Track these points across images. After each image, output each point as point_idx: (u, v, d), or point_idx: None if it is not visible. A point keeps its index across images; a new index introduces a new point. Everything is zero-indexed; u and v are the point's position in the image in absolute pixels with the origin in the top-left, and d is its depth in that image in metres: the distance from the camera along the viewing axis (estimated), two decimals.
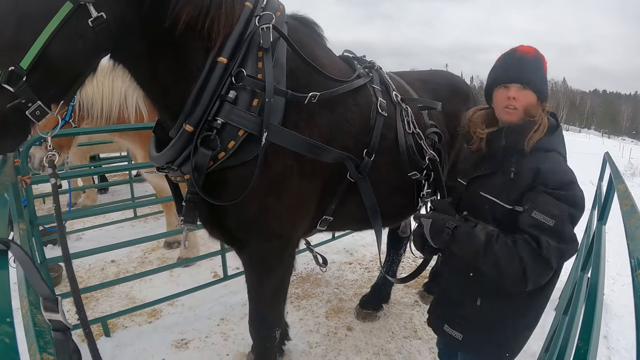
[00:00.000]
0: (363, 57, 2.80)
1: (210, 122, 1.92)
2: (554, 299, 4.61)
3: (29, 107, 1.52)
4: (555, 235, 1.75)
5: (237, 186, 2.01)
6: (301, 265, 5.19)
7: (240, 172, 2.02)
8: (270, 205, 2.15)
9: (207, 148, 1.92)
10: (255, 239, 2.28)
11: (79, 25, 1.58)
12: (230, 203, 2.01)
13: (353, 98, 2.37)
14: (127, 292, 4.52)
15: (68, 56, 1.60)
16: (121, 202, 7.39)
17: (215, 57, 1.93)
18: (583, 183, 7.90)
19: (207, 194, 2.00)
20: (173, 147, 1.98)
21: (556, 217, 1.75)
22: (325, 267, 2.66)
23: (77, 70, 1.69)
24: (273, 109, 1.96)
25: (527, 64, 1.97)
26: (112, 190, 8.56)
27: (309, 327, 3.97)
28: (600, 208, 3.22)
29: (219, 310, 4.18)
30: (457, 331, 2.15)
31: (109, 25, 1.65)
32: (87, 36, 1.62)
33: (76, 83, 1.72)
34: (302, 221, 2.38)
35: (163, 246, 5.69)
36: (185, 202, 2.05)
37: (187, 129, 1.93)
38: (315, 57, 2.25)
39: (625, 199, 1.82)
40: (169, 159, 2.03)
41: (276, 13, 2.09)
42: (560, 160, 1.92)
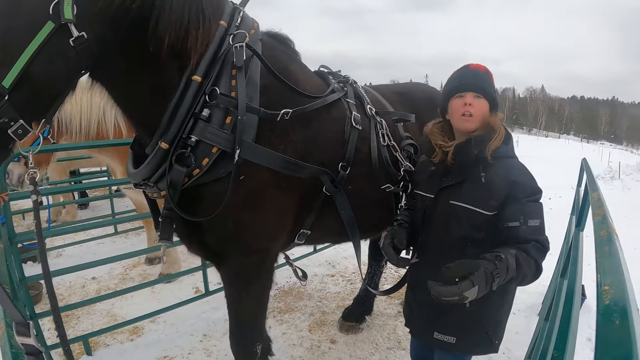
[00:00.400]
0: (338, 71, 2.82)
1: (185, 140, 1.93)
2: (537, 304, 4.66)
3: (11, 126, 1.52)
4: (543, 231, 1.97)
5: (212, 202, 2.01)
6: (283, 279, 5.17)
7: (214, 188, 2.02)
8: (246, 221, 2.16)
9: (181, 165, 1.93)
10: (233, 254, 2.27)
11: (60, 44, 1.59)
12: (206, 219, 2.01)
13: (327, 113, 2.39)
14: (108, 310, 4.45)
15: (49, 75, 1.61)
16: (102, 217, 7.30)
17: (190, 75, 1.94)
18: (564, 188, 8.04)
19: (182, 210, 2.00)
20: (149, 164, 1.99)
21: (540, 217, 1.97)
22: (306, 280, 2.66)
23: (58, 88, 1.70)
24: (246, 126, 1.98)
25: (480, 76, 2.13)
26: (93, 205, 8.48)
27: (292, 341, 3.95)
28: (578, 214, 3.25)
29: (201, 327, 4.14)
30: (450, 335, 2.20)
31: (90, 45, 1.67)
32: (68, 55, 1.63)
33: (57, 101, 1.73)
34: (279, 235, 2.37)
35: (144, 262, 5.63)
36: (162, 219, 2.06)
37: (163, 146, 1.93)
38: (289, 73, 2.27)
39: (598, 208, 1.84)
40: (145, 175, 2.03)
41: (250, 31, 2.11)
42: (524, 167, 2.09)
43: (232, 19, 2.11)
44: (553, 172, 16.20)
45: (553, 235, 6.45)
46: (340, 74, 2.77)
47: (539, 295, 4.84)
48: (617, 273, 1.15)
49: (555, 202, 10.18)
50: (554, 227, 7.62)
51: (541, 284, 5.21)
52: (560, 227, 5.08)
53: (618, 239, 1.37)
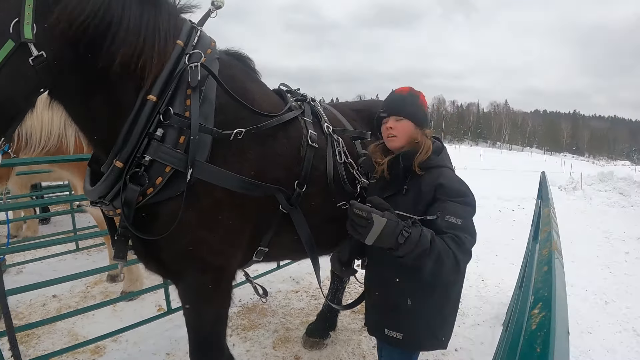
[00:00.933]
0: (297, 89, 2.85)
1: (139, 159, 1.94)
2: (500, 315, 4.74)
3: None
4: (465, 231, 2.06)
5: (166, 220, 2.01)
6: (246, 295, 5.13)
7: (168, 206, 2.02)
8: (201, 238, 2.15)
9: (136, 184, 1.93)
10: (190, 272, 2.26)
11: (20, 63, 1.61)
12: (160, 237, 2.01)
13: (283, 131, 2.41)
14: (69, 329, 4.33)
15: (9, 94, 1.62)
16: (63, 233, 7.13)
17: (145, 95, 1.96)
18: (527, 199, 8.23)
19: (137, 228, 1.99)
20: (104, 182, 1.98)
21: (463, 218, 2.08)
22: (267, 298, 2.66)
23: (17, 107, 1.71)
24: (199, 145, 1.99)
25: (401, 100, 2.37)
26: (55, 220, 8.29)
27: (256, 358, 3.91)
28: (535, 228, 3.33)
29: (164, 345, 4.07)
30: (397, 332, 2.31)
31: (49, 64, 1.69)
32: (28, 74, 1.65)
33: (16, 119, 1.74)
34: (235, 253, 2.37)
35: (106, 280, 5.51)
36: (116, 237, 2.05)
37: (117, 165, 1.94)
38: (247, 92, 2.30)
39: (545, 225, 1.89)
40: (100, 193, 2.02)
41: (207, 51, 2.14)
42: (453, 174, 2.28)
43: (189, 38, 2.14)
44: (517, 185, 16.55)
45: (516, 247, 6.63)
46: (298, 92, 2.81)
47: (503, 305, 4.93)
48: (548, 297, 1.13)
49: (519, 214, 10.41)
50: (517, 238, 7.81)
51: (505, 294, 5.32)
52: (524, 239, 5.20)
53: (560, 258, 1.40)
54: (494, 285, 5.80)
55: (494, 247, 7.53)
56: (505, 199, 12.26)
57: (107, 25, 1.82)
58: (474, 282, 5.89)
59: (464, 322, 4.71)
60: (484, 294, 5.50)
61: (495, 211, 10.71)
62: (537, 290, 1.19)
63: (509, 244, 7.68)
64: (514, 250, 7.08)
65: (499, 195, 12.70)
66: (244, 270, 2.76)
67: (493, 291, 5.62)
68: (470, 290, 5.60)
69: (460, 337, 4.36)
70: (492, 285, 5.81)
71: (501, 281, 5.91)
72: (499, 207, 11.17)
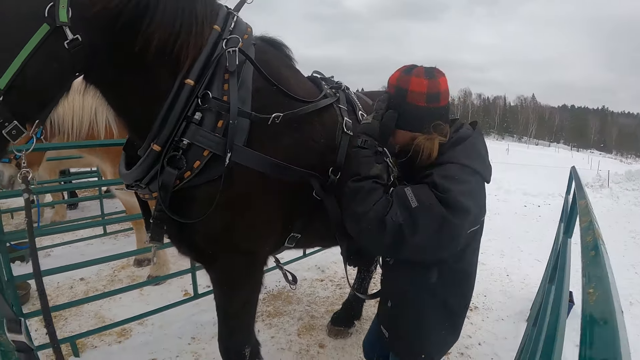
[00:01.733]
0: (331, 77, 2.83)
1: (177, 143, 1.95)
2: (525, 310, 4.69)
3: (5, 127, 1.53)
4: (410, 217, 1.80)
5: (203, 204, 2.02)
6: (272, 282, 5.17)
7: (205, 190, 2.03)
8: (236, 223, 2.16)
9: (173, 167, 1.94)
10: (223, 256, 2.28)
11: (55, 47, 1.60)
12: (196, 221, 2.02)
13: (319, 118, 2.40)
14: (96, 311, 4.43)
15: (44, 77, 1.62)
16: (91, 218, 7.26)
17: (183, 79, 1.96)
18: (553, 196, 8.08)
19: (173, 211, 2.00)
20: (141, 165, 2.00)
21: (420, 203, 1.81)
22: (295, 284, 2.66)
23: (53, 90, 1.71)
24: (237, 130, 1.99)
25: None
26: (82, 205, 8.43)
27: (280, 345, 3.95)
28: (566, 221, 3.28)
29: (189, 329, 4.12)
30: (385, 329, 2.30)
31: (84, 48, 1.68)
32: (63, 58, 1.64)
33: (51, 103, 1.75)
34: (269, 238, 2.39)
35: (133, 264, 5.60)
36: (152, 220, 2.06)
37: (155, 148, 1.95)
38: (282, 77, 2.29)
39: (585, 215, 1.86)
40: (137, 177, 2.04)
41: (243, 36, 2.13)
42: (456, 170, 1.91)
43: (226, 23, 2.13)
44: (543, 181, 16.36)
45: (541, 243, 6.56)
46: (332, 80, 2.79)
47: (528, 301, 4.88)
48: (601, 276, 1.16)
49: (545, 210, 10.27)
50: (543, 235, 7.70)
51: (529, 290, 5.26)
52: (549, 235, 5.13)
53: (604, 244, 1.39)
54: (519, 281, 5.74)
55: (519, 242, 7.45)
56: (531, 195, 12.12)
57: (144, 9, 1.82)
58: (499, 277, 5.84)
59: (488, 317, 4.68)
60: (509, 289, 5.45)
61: (521, 207, 10.59)
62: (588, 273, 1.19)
63: (534, 240, 7.58)
64: (539, 247, 7.04)
65: (525, 190, 12.55)
66: (275, 257, 2.77)
67: (518, 287, 5.56)
68: (495, 285, 5.56)
69: (484, 331, 4.34)
70: (516, 281, 5.75)
71: (526, 277, 5.85)
72: (524, 203, 11.05)
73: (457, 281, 2.10)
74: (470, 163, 1.93)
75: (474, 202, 1.86)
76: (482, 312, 4.77)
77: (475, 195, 1.89)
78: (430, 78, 1.96)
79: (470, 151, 1.99)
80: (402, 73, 2.03)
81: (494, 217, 9.35)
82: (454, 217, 1.78)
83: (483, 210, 2.02)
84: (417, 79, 1.96)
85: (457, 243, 1.88)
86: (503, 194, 12.05)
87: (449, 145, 1.98)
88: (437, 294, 2.07)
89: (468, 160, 1.94)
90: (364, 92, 3.20)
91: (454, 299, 2.13)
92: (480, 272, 5.81)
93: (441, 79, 1.99)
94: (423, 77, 1.96)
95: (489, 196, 2.04)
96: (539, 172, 21.35)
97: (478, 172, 1.95)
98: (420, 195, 1.83)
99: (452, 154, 1.95)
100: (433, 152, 1.96)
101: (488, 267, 6.15)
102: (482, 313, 4.75)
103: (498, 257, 6.60)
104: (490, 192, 12.40)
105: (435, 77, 1.98)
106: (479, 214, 1.95)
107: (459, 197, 1.79)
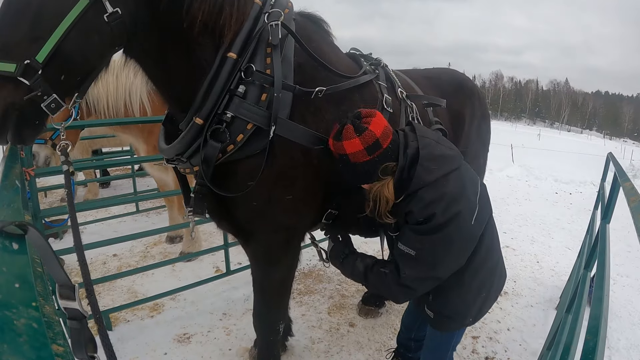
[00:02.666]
0: (369, 54, 2.81)
1: (220, 116, 1.95)
2: (554, 298, 4.64)
3: (44, 100, 1.55)
4: (416, 262, 2.02)
5: (245, 178, 2.04)
6: (303, 261, 5.17)
7: (248, 164, 2.04)
8: (277, 197, 2.17)
9: (216, 141, 1.95)
10: (262, 231, 2.30)
11: (94, 20, 1.61)
12: (238, 194, 2.03)
13: (359, 94, 2.39)
14: (129, 286, 4.53)
15: (83, 50, 1.63)
16: (123, 196, 7.39)
17: (225, 52, 1.96)
18: (585, 184, 7.90)
19: (215, 185, 2.02)
20: (183, 139, 2.01)
21: (416, 249, 2.00)
22: (329, 263, 2.68)
23: (92, 64, 1.72)
24: (281, 103, 1.99)
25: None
26: (114, 184, 8.59)
27: (311, 322, 3.98)
28: (603, 207, 3.21)
29: (221, 306, 4.19)
30: (430, 311, 2.38)
31: (124, 21, 1.70)
32: (103, 31, 1.66)
33: (90, 77, 1.76)
34: (308, 212, 2.39)
35: (165, 241, 5.69)
36: (194, 194, 2.07)
37: (197, 122, 1.95)
38: (322, 53, 2.28)
39: (633, 195, 1.81)
40: (178, 151, 2.05)
41: (284, 10, 2.12)
42: (425, 194, 1.97)
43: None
44: (575, 168, 16.01)
45: (572, 231, 6.44)
46: (371, 57, 2.77)
47: (557, 289, 4.82)
48: None
49: (576, 198, 10.06)
50: (574, 222, 7.57)
51: (559, 278, 5.19)
52: (581, 223, 5.02)
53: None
54: (549, 268, 5.66)
55: (550, 229, 7.32)
56: (562, 182, 11.86)
57: None
58: (529, 263, 5.76)
59: (517, 303, 4.64)
60: (539, 276, 5.38)
61: (552, 193, 10.38)
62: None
63: (565, 228, 7.45)
64: (570, 234, 6.95)
65: (556, 177, 12.29)
66: (310, 233, 2.79)
67: (548, 274, 5.48)
68: (525, 271, 5.49)
69: (513, 317, 4.31)
70: (547, 268, 5.66)
71: (556, 264, 5.77)
72: (555, 190, 10.83)
73: (479, 255, 2.17)
74: (436, 174, 1.99)
75: (461, 203, 1.98)
76: (512, 298, 4.73)
77: (458, 197, 1.99)
78: (360, 133, 1.96)
79: (427, 164, 2.00)
80: (334, 141, 2.05)
81: (525, 202, 9.25)
82: (440, 236, 1.96)
83: (473, 190, 2.10)
84: (348, 142, 1.98)
85: (473, 237, 2.07)
86: (534, 180, 11.82)
87: (406, 172, 2.01)
88: (467, 273, 2.17)
89: (432, 175, 1.99)
90: (401, 70, 3.17)
91: (482, 270, 2.23)
92: (510, 258, 5.77)
93: (372, 124, 1.98)
94: (353, 136, 1.96)
95: (519, 182, 2.09)
96: (570, 159, 20.89)
97: (448, 173, 2.02)
98: (407, 241, 2.03)
99: (416, 181, 1.98)
100: (390, 194, 2.03)
101: (518, 253, 6.09)
102: (511, 299, 4.71)
103: (528, 243, 6.51)
104: (520, 177, 12.18)
105: (365, 128, 1.97)
106: (470, 199, 2.05)
107: (445, 213, 1.93)
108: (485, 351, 3.73)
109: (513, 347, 3.83)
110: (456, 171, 2.06)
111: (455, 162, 2.09)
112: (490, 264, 2.28)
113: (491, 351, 3.73)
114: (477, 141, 3.46)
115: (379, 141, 1.98)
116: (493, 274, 2.32)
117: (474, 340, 3.85)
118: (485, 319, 4.15)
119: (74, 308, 1.13)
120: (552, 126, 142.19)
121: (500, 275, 2.42)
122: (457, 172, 2.06)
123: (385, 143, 2.00)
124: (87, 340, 1.12)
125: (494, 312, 4.35)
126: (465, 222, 1.99)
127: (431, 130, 2.35)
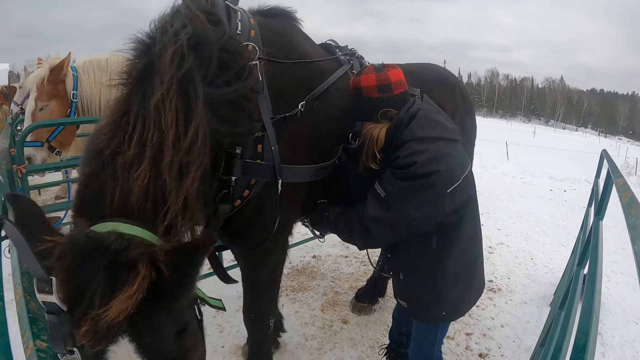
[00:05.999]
0: (346, 46, 2.82)
1: (227, 182, 1.93)
2: (548, 295, 4.65)
3: None
4: (380, 205, 2.13)
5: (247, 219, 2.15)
6: (297, 258, 5.21)
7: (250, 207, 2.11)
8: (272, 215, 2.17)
9: (225, 204, 1.94)
10: (251, 232, 2.30)
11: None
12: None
13: (335, 88, 2.39)
14: None
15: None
16: None
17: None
18: (579, 181, 7.90)
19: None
20: None
21: (387, 191, 2.11)
22: (323, 238, 2.71)
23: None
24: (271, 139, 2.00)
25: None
26: None
27: (304, 319, 3.98)
28: (597, 204, 3.22)
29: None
30: (403, 301, 2.48)
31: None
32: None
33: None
34: (295, 212, 2.46)
35: None
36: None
37: None
38: (295, 46, 2.30)
39: (625, 191, 1.82)
40: None
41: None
42: (417, 145, 2.10)
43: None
44: (570, 165, 16.04)
45: (566, 228, 6.44)
46: (347, 48, 2.80)
47: (551, 286, 4.83)
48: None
49: (570, 195, 10.08)
50: (568, 220, 7.58)
51: (553, 275, 5.20)
52: (575, 220, 5.02)
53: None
54: (543, 265, 5.67)
55: (544, 226, 7.34)
56: (557, 179, 11.88)
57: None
58: (523, 260, 5.78)
59: (511, 299, 4.65)
60: (533, 273, 5.39)
61: (547, 190, 10.40)
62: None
63: (559, 225, 7.47)
64: (564, 232, 6.96)
65: (551, 174, 12.30)
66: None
67: (542, 271, 5.50)
68: (519, 268, 5.51)
69: (507, 314, 4.32)
70: (541, 265, 5.68)
71: (550, 261, 5.79)
72: (550, 187, 10.85)
73: (457, 245, 2.25)
74: (427, 133, 2.14)
75: (442, 164, 2.06)
76: (506, 295, 4.74)
77: (442, 158, 2.08)
78: (378, 72, 2.18)
79: (423, 123, 2.16)
80: (354, 77, 2.27)
81: (519, 199, 9.29)
82: (412, 184, 2.06)
83: (459, 167, 2.17)
84: (365, 76, 2.19)
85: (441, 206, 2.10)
86: (528, 177, 11.84)
87: (404, 125, 2.15)
88: (441, 259, 2.24)
89: (424, 132, 2.14)
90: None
91: (459, 262, 2.29)
92: (504, 255, 5.78)
93: (391, 71, 2.20)
94: (372, 72, 2.18)
95: (514, 179, 2.10)
96: (565, 156, 20.95)
97: (439, 138, 2.15)
98: (382, 181, 2.14)
99: (408, 132, 2.13)
100: (380, 137, 2.17)
101: (512, 250, 6.12)
102: (505, 295, 4.72)
103: (523, 240, 6.53)
104: (515, 174, 12.19)
105: (383, 70, 2.19)
106: (453, 170, 2.11)
107: (424, 166, 2.03)
108: (479, 348, 3.74)
109: (507, 343, 3.84)
110: (449, 141, 2.19)
111: (449, 133, 2.23)
112: (469, 258, 2.34)
113: (485, 348, 3.74)
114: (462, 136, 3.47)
115: (391, 85, 2.17)
116: (471, 270, 2.38)
117: (468, 337, 3.86)
118: (479, 315, 4.16)
119: (52, 302, 1.12)
120: (547, 124, 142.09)
121: (481, 278, 2.49)
122: (449, 142, 2.18)
123: (396, 91, 2.18)
124: (65, 335, 1.11)
125: (488, 308, 4.36)
126: (441, 185, 2.06)
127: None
